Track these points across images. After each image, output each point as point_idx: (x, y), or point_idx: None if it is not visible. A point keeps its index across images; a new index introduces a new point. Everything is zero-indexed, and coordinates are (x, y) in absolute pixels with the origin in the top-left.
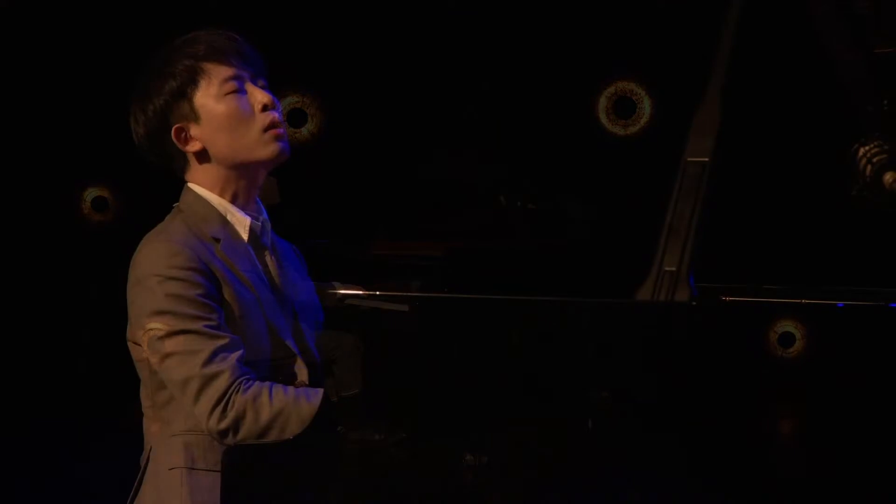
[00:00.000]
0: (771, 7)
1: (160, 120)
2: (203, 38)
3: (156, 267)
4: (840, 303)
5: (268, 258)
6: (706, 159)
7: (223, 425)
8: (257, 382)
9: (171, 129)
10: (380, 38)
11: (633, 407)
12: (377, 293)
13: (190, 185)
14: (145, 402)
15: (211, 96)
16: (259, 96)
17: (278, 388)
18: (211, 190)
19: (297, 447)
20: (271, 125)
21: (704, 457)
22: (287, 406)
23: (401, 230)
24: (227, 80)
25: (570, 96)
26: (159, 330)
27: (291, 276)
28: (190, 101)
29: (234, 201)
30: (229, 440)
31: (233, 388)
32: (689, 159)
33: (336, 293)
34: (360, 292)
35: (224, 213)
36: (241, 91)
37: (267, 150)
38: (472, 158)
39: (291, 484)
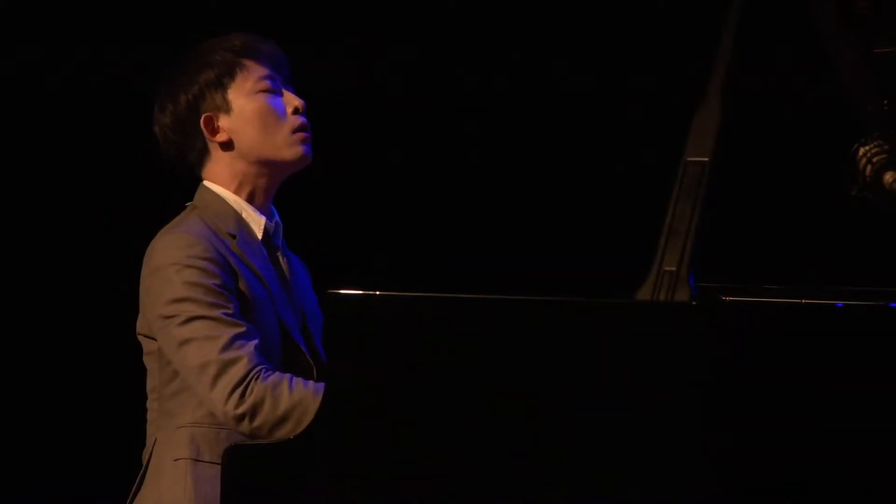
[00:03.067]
0: (771, 7)
1: (190, 109)
2: (240, 36)
3: (173, 256)
4: (840, 303)
5: (280, 259)
6: (706, 159)
7: (241, 410)
8: (277, 373)
9: (200, 118)
10: None
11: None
12: (377, 293)
13: (205, 182)
14: (151, 396)
15: (246, 90)
16: (293, 100)
17: (298, 380)
18: (227, 187)
19: (298, 444)
20: (301, 128)
21: (705, 458)
22: (306, 398)
23: None
24: (263, 78)
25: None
26: (177, 317)
27: (300, 281)
28: (224, 91)
29: (249, 200)
30: (244, 426)
31: (252, 374)
32: (689, 159)
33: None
34: (360, 292)
35: (239, 211)
36: (275, 91)
37: (292, 151)
38: None
39: (292, 482)
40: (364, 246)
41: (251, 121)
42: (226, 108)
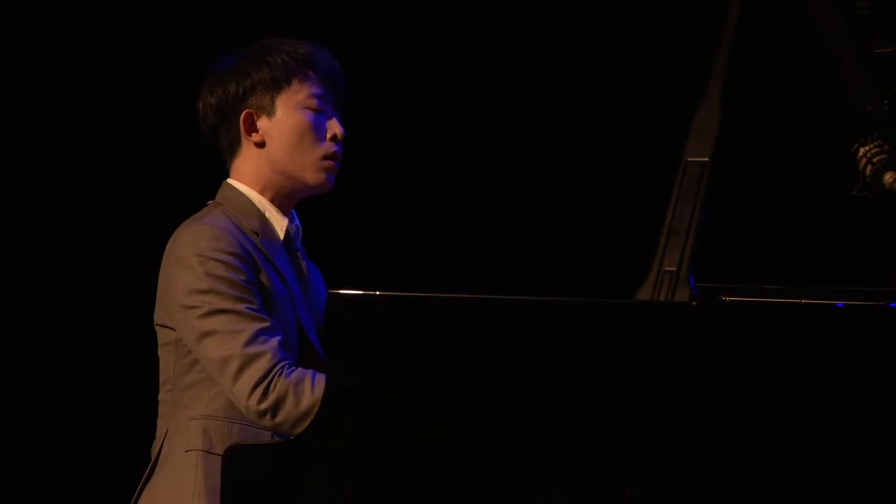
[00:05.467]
0: (771, 7)
1: (237, 100)
2: (307, 46)
3: (198, 248)
4: (840, 303)
5: (299, 261)
6: (706, 159)
7: (263, 406)
8: (300, 369)
9: (242, 112)
10: None
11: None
12: (377, 293)
13: (229, 180)
14: (164, 388)
15: (294, 102)
16: (335, 126)
17: (320, 377)
18: (252, 187)
19: (298, 444)
20: (332, 156)
21: (705, 457)
22: None
23: None
24: (315, 95)
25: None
26: (199, 308)
27: (316, 286)
28: (274, 95)
29: (271, 202)
30: (267, 421)
31: (275, 370)
32: (689, 159)
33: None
34: (360, 292)
35: (263, 211)
36: (322, 112)
37: (316, 176)
38: None
39: (292, 482)
40: (364, 246)
41: (288, 133)
42: (269, 112)
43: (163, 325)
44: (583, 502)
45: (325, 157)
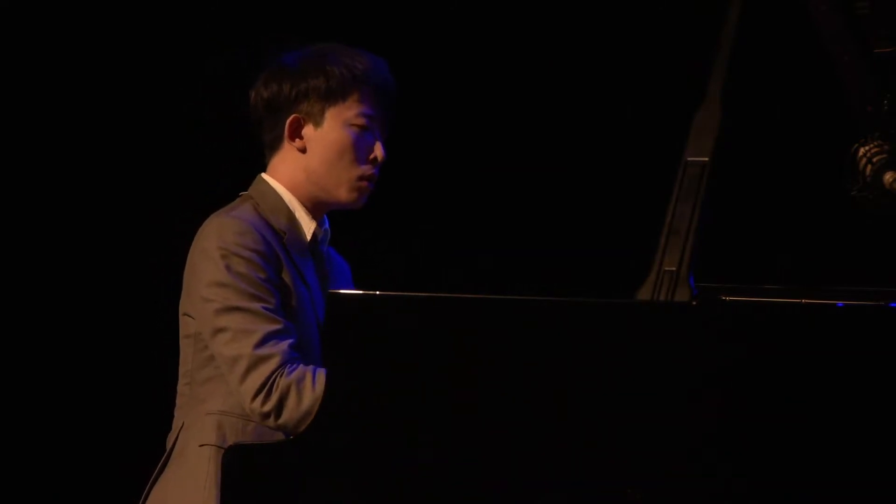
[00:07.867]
0: (771, 7)
1: (288, 102)
2: (368, 61)
3: (222, 240)
4: (840, 303)
5: (323, 265)
6: (706, 159)
7: (266, 408)
8: (301, 366)
9: (290, 114)
10: None
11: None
12: (377, 293)
13: (265, 176)
14: (183, 380)
15: (343, 117)
16: (379, 150)
17: (321, 373)
18: (286, 187)
19: (298, 444)
20: (368, 178)
21: (705, 456)
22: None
23: None
24: (364, 114)
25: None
26: (215, 302)
27: (342, 285)
28: (325, 105)
29: (302, 205)
30: (271, 423)
31: (278, 370)
32: (689, 159)
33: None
34: (360, 292)
35: (293, 210)
36: (369, 132)
37: (348, 194)
38: None
39: (292, 482)
40: (364, 246)
41: (330, 147)
42: (317, 121)
43: (186, 315)
44: (583, 502)
45: (361, 178)
